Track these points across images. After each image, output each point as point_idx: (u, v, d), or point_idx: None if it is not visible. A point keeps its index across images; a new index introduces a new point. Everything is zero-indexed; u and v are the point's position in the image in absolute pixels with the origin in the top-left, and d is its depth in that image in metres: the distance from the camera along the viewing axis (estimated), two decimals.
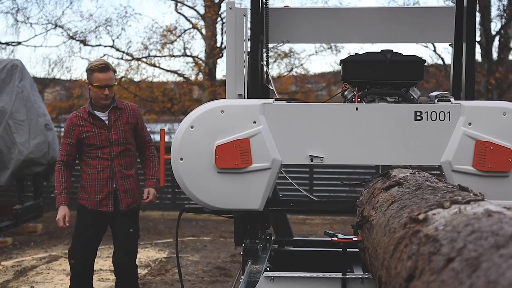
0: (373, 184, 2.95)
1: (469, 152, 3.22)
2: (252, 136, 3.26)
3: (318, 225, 9.53)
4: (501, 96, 13.97)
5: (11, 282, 5.78)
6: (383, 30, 3.96)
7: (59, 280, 5.88)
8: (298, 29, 3.94)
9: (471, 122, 3.23)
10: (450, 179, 3.21)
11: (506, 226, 1.28)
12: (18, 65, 7.82)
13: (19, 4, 16.84)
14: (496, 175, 3.22)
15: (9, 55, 16.99)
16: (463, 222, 1.46)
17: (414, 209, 1.90)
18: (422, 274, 1.34)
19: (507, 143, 3.20)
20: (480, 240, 1.24)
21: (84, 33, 16.85)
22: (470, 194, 1.99)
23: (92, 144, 3.96)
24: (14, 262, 6.76)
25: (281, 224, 4.40)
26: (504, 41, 14.52)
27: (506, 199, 3.19)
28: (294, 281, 3.01)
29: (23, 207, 7.87)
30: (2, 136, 7.58)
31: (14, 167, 7.60)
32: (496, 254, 1.11)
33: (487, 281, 1.02)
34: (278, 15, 3.92)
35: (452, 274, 1.17)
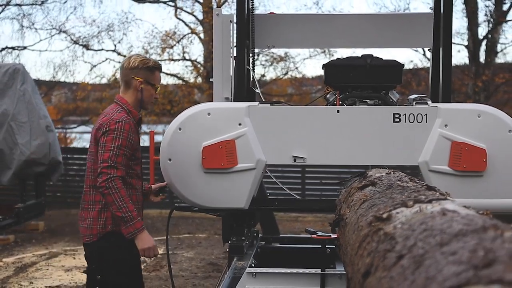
0: (351, 184, 2.96)
1: (445, 153, 3.24)
2: (238, 138, 3.28)
3: (310, 222, 9.54)
4: (487, 98, 14.00)
5: (11, 278, 5.80)
6: (365, 36, 3.98)
7: (58, 276, 5.90)
8: (283, 34, 3.95)
9: (447, 124, 3.25)
10: (427, 178, 3.23)
11: (455, 224, 1.29)
12: (20, 69, 7.84)
13: (25, 10, 16.78)
14: (471, 174, 3.24)
15: (14, 59, 17.03)
16: (419, 220, 1.47)
17: (380, 208, 1.91)
18: (377, 270, 1.35)
19: (481, 144, 3.21)
20: (429, 237, 1.26)
21: (87, 38, 16.88)
22: (436, 194, 2.01)
23: (138, 158, 3.02)
24: (15, 258, 6.78)
25: (268, 221, 4.42)
26: (490, 45, 14.54)
27: (481, 197, 3.21)
28: (275, 277, 3.02)
29: (25, 206, 7.88)
30: (4, 137, 7.60)
31: (16, 167, 7.61)
32: (439, 252, 1.12)
33: (426, 277, 1.03)
34: (264, 21, 3.94)
35: (400, 270, 1.19)
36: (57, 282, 5.64)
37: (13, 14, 18.23)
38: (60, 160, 8.05)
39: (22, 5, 16.72)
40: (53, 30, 16.75)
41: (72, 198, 11.07)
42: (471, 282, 0.89)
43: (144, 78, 3.00)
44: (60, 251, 7.20)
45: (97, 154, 2.84)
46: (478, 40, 14.17)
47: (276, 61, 16.71)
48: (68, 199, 11.05)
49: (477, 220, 1.29)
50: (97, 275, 2.87)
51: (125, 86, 3.03)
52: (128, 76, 3.00)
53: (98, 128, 2.89)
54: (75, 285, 5.56)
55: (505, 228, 1.16)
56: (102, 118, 2.91)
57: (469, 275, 0.91)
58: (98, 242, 2.87)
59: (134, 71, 2.99)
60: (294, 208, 4.77)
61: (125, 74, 3.02)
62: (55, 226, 9.15)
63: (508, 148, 3.21)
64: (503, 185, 3.21)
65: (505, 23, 14.76)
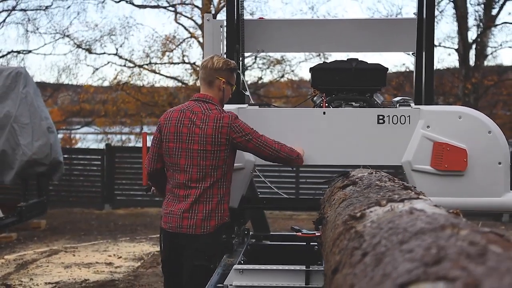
0: (334, 183, 2.97)
1: (427, 153, 3.25)
2: None
3: (304, 220, 9.54)
4: (477, 100, 14.02)
5: (12, 275, 5.80)
6: (351, 40, 3.99)
7: (57, 273, 5.91)
8: (272, 39, 3.97)
9: (429, 125, 3.26)
10: (410, 178, 3.25)
11: (419, 223, 1.30)
12: (22, 72, 7.85)
13: (30, 15, 16.79)
14: (453, 174, 3.25)
15: (19, 63, 17.05)
16: (388, 219, 1.48)
17: (356, 207, 1.92)
18: (344, 267, 1.36)
19: (462, 145, 3.22)
20: (393, 236, 1.26)
21: (90, 42, 16.90)
22: (410, 193, 2.02)
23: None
24: (17, 255, 6.78)
25: (259, 220, 4.42)
26: (480, 48, 14.56)
27: (462, 196, 3.22)
28: (261, 273, 3.03)
29: (27, 205, 7.87)
30: (7, 138, 7.61)
31: (18, 167, 7.62)
32: (398, 249, 1.13)
33: (383, 274, 1.04)
34: (253, 26, 3.95)
35: (363, 267, 1.19)
36: (57, 279, 5.65)
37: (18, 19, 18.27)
38: (61, 160, 8.06)
39: (27, 10, 16.75)
40: (57, 34, 16.79)
41: (74, 197, 11.09)
42: (420, 279, 0.90)
43: (226, 79, 3.05)
44: (61, 248, 7.21)
45: (212, 152, 2.91)
46: (468, 44, 14.19)
47: (273, 64, 16.73)
48: (70, 198, 11.06)
49: (440, 219, 1.30)
50: (210, 265, 2.99)
51: (208, 85, 3.05)
52: (212, 76, 3.03)
53: (221, 126, 2.91)
54: (74, 281, 5.57)
55: (463, 227, 1.16)
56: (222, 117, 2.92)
57: (419, 272, 0.92)
58: (215, 234, 2.97)
59: (218, 72, 3.03)
60: (282, 206, 4.77)
61: (209, 74, 3.03)
62: (57, 224, 9.16)
63: (487, 148, 3.22)
64: (482, 184, 3.22)
65: (494, 27, 14.78)
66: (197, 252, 2.96)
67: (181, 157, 2.96)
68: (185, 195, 2.96)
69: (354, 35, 3.98)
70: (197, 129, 2.93)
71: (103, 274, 5.87)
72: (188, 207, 2.94)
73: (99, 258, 6.57)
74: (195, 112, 2.97)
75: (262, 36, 3.94)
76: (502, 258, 0.88)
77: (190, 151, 2.93)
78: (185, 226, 2.94)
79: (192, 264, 2.95)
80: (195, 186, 2.95)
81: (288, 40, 3.98)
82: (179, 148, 2.96)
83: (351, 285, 1.16)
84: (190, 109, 2.99)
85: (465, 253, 0.93)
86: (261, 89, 17.23)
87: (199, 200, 2.95)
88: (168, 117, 3.02)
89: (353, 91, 3.52)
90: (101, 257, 6.64)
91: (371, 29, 3.99)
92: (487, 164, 3.22)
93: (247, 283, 3.00)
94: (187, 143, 2.94)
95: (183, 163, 2.95)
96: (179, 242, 3.00)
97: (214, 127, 2.91)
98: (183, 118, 2.97)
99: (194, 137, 2.93)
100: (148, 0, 16.69)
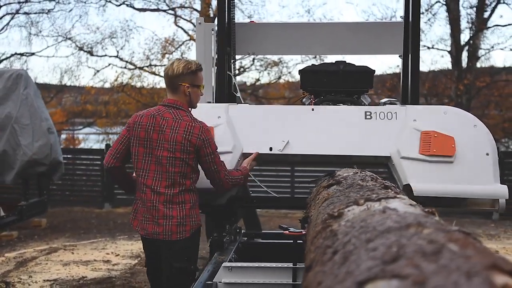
0: (320, 183, 2.98)
1: (415, 142, 3.22)
2: (216, 126, 3.30)
3: (300, 218, 9.54)
4: (469, 100, 14.03)
5: (12, 272, 5.80)
6: (341, 43, 3.99)
7: (56, 270, 5.91)
8: (263, 42, 3.97)
9: (416, 119, 3.25)
10: (399, 166, 3.21)
11: (388, 221, 1.30)
12: (22, 74, 7.86)
13: (33, 18, 16.81)
14: (442, 160, 3.21)
15: (23, 65, 17.05)
16: (362, 218, 1.48)
17: (336, 206, 1.93)
18: (316, 265, 1.36)
19: (449, 134, 3.21)
20: (362, 234, 1.27)
21: (91, 45, 16.92)
22: (390, 192, 2.02)
23: None
24: (17, 253, 6.78)
25: (251, 218, 4.43)
26: (472, 50, 14.57)
27: (452, 182, 3.19)
28: (250, 270, 3.03)
29: (27, 204, 7.87)
30: (8, 139, 7.61)
31: (19, 167, 7.61)
32: (364, 248, 1.13)
33: (346, 272, 1.04)
34: (245, 29, 3.96)
35: (331, 265, 1.20)
36: (55, 276, 5.65)
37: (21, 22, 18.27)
38: (61, 160, 8.06)
39: (30, 13, 16.76)
40: (59, 37, 16.80)
41: (75, 196, 11.09)
42: (378, 277, 0.90)
43: (190, 82, 2.97)
44: (60, 246, 7.21)
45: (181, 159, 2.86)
46: (460, 46, 14.21)
47: (270, 66, 16.74)
48: (71, 197, 11.07)
49: (409, 218, 1.30)
50: (190, 266, 3.00)
51: (174, 92, 2.98)
52: (176, 83, 2.96)
53: (191, 134, 2.86)
54: (72, 278, 5.57)
55: (428, 226, 1.17)
56: (193, 126, 2.87)
57: (377, 270, 0.92)
58: (191, 238, 2.94)
59: (180, 78, 2.95)
60: (272, 206, 4.78)
61: (172, 81, 2.96)
62: (57, 222, 9.16)
63: (475, 139, 3.20)
64: (472, 172, 3.19)
65: (485, 29, 14.78)
66: (175, 255, 2.92)
67: (151, 163, 2.89)
68: (157, 201, 2.89)
69: (343, 38, 3.99)
70: (167, 136, 2.86)
71: (100, 272, 5.87)
72: (161, 214, 2.88)
73: (97, 256, 6.58)
74: (166, 118, 2.89)
75: (253, 39, 3.95)
76: (456, 256, 0.88)
77: (160, 158, 2.86)
78: (161, 233, 2.89)
79: (171, 266, 2.91)
80: (164, 193, 2.88)
81: (279, 43, 3.98)
82: (149, 154, 2.89)
83: (319, 282, 1.17)
84: (160, 114, 2.91)
85: (421, 251, 0.93)
86: (259, 90, 17.24)
87: (171, 206, 2.89)
88: (138, 121, 2.92)
89: (341, 92, 3.52)
90: (99, 255, 6.64)
91: (360, 32, 4.00)
92: (475, 154, 3.19)
93: (235, 280, 3.01)
94: (157, 150, 2.87)
95: (153, 169, 2.89)
96: (157, 247, 2.97)
97: (184, 136, 2.85)
98: (153, 123, 2.89)
99: (163, 144, 2.86)
100: (148, 4, 16.73)
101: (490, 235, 8.24)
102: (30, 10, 16.71)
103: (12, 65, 16.65)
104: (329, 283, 1.09)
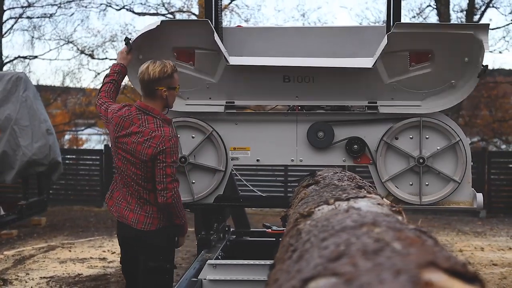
0: (301, 183, 2.98)
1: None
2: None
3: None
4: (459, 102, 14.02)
5: (9, 270, 5.81)
6: (325, 47, 3.99)
7: (52, 268, 5.91)
8: (250, 46, 3.97)
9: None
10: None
11: (348, 221, 1.30)
12: (22, 77, 7.87)
13: (35, 22, 16.80)
14: None
15: (25, 67, 17.06)
16: (326, 217, 1.48)
17: (308, 206, 1.93)
18: (278, 263, 1.37)
19: None
20: (321, 233, 1.27)
21: (92, 48, 16.93)
22: (362, 192, 2.03)
23: None
24: (16, 251, 6.79)
25: (239, 216, 4.44)
26: None
27: None
28: (234, 268, 3.05)
29: (27, 203, 7.89)
30: (8, 140, 7.62)
31: (19, 167, 7.62)
32: (318, 246, 1.14)
33: (297, 269, 1.05)
34: (232, 34, 3.96)
35: (289, 263, 1.20)
36: (51, 273, 5.65)
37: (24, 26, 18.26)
38: (60, 160, 8.06)
39: (32, 17, 16.76)
40: (61, 40, 16.81)
41: (75, 195, 11.09)
42: (320, 275, 0.91)
43: (166, 86, 2.86)
44: (58, 244, 7.22)
45: (146, 167, 2.80)
46: None
47: None
48: (71, 196, 11.07)
49: (367, 217, 1.30)
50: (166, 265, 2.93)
51: (150, 96, 2.87)
52: (152, 88, 2.85)
53: (149, 145, 2.78)
54: (68, 275, 5.58)
55: (381, 225, 1.18)
56: (153, 136, 2.79)
57: (321, 268, 0.93)
58: (157, 232, 2.87)
59: (156, 83, 2.83)
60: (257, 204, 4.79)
61: (148, 86, 2.86)
62: (56, 221, 9.16)
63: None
64: None
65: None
66: (147, 252, 2.88)
67: (127, 163, 2.84)
68: (130, 193, 2.88)
69: (328, 42, 3.98)
70: (129, 141, 2.82)
71: (96, 269, 5.88)
72: (133, 207, 2.87)
73: (94, 254, 6.58)
74: (134, 124, 2.84)
75: (240, 43, 3.94)
76: (395, 255, 0.89)
77: (129, 160, 2.83)
78: (130, 219, 2.88)
79: (148, 266, 2.87)
80: (136, 190, 2.86)
81: (265, 47, 3.97)
82: (122, 156, 2.85)
83: (275, 280, 1.17)
84: (130, 119, 2.85)
85: (364, 250, 0.94)
86: None
87: (142, 200, 2.87)
88: (111, 117, 2.90)
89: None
90: (95, 253, 6.64)
91: (344, 37, 3.99)
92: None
93: (219, 277, 3.02)
94: (127, 153, 2.83)
95: (124, 168, 2.86)
96: (126, 233, 2.92)
97: (143, 145, 2.79)
98: (122, 126, 2.85)
99: (127, 147, 2.83)
100: (147, 8, 16.70)
101: (477, 233, 8.26)
102: (33, 15, 16.71)
103: (15, 68, 16.66)
104: (282, 281, 1.10)
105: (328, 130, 3.38)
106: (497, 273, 5.72)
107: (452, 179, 3.33)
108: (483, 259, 6.38)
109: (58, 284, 5.26)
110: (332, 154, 3.43)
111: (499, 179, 10.37)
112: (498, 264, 6.11)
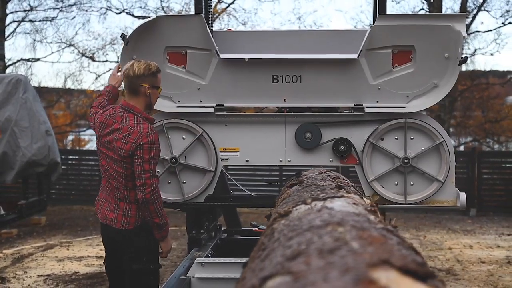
0: (287, 183, 2.98)
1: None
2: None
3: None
4: (451, 103, 14.04)
5: (8, 268, 5.81)
6: (312, 50, 3.99)
7: (50, 266, 5.91)
8: (240, 49, 3.98)
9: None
10: None
11: (317, 220, 1.30)
12: (22, 79, 7.87)
13: (37, 26, 16.80)
14: None
15: (27, 70, 17.06)
16: (298, 217, 1.49)
17: (288, 205, 1.93)
18: (250, 261, 1.37)
19: None
20: (290, 232, 1.28)
21: (93, 51, 16.94)
22: (340, 192, 2.03)
23: None
24: (15, 250, 6.78)
25: (231, 215, 4.44)
26: None
27: None
28: (222, 266, 3.05)
29: (27, 203, 7.89)
30: (8, 141, 7.62)
31: (18, 168, 7.62)
32: (283, 245, 1.14)
33: (261, 268, 1.05)
34: (223, 37, 3.96)
35: (257, 262, 1.21)
36: (49, 271, 5.65)
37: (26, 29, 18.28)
38: (59, 161, 8.06)
39: (35, 21, 16.75)
40: (63, 43, 16.80)
41: (75, 195, 11.09)
42: (278, 273, 0.91)
43: (150, 84, 2.86)
44: (57, 243, 7.21)
45: (124, 161, 2.78)
46: None
47: None
48: (71, 196, 11.07)
49: (336, 217, 1.30)
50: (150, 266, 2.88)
51: (133, 93, 2.87)
52: (136, 84, 2.85)
53: (127, 141, 2.77)
54: (65, 273, 5.58)
55: (346, 224, 1.18)
56: (131, 132, 2.78)
57: (279, 267, 0.93)
58: (135, 231, 2.84)
59: (141, 79, 2.84)
60: (246, 204, 4.79)
61: (132, 82, 2.85)
62: (56, 220, 9.16)
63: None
64: None
65: (467, 35, 14.80)
66: (133, 254, 2.85)
67: (110, 161, 2.84)
68: (112, 193, 2.87)
69: (316, 45, 3.99)
70: (111, 139, 2.82)
71: (93, 267, 5.87)
72: (113, 207, 2.87)
73: (91, 252, 6.58)
74: (116, 121, 2.84)
75: (231, 46, 3.95)
76: (349, 254, 0.89)
77: (111, 158, 2.83)
78: (110, 219, 2.87)
79: (132, 268, 2.85)
80: (117, 188, 2.85)
81: (255, 50, 3.98)
82: (105, 154, 2.86)
83: (243, 278, 1.18)
84: (113, 117, 2.85)
85: (321, 249, 0.94)
86: None
87: (121, 199, 2.85)
88: (97, 117, 2.92)
89: None
90: (93, 251, 6.64)
91: (331, 39, 4.00)
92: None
93: (208, 275, 3.03)
94: (109, 150, 2.83)
95: (107, 167, 2.86)
96: (109, 233, 2.92)
97: (123, 141, 2.78)
98: (105, 124, 2.86)
99: (109, 145, 2.83)
100: (147, 12, 16.69)
101: (466, 231, 8.26)
102: (35, 18, 16.70)
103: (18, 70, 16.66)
104: (248, 278, 1.10)
105: (316, 131, 3.38)
106: (485, 270, 5.73)
107: (436, 179, 3.34)
108: (472, 256, 6.39)
109: (55, 282, 5.26)
110: (320, 155, 3.43)
111: (489, 178, 10.38)
112: (486, 262, 6.12)
